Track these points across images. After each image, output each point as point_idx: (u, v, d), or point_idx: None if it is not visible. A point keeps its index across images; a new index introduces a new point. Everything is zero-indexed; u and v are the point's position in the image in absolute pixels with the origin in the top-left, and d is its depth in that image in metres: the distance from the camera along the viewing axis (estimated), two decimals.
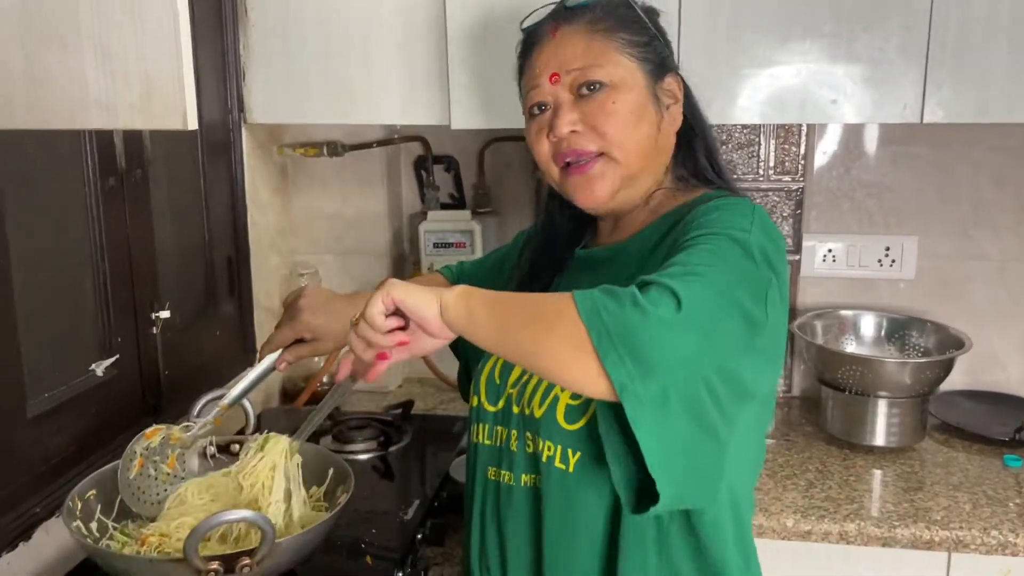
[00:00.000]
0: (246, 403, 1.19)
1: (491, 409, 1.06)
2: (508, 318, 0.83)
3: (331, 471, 1.13)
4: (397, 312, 0.87)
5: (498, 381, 1.06)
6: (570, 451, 0.96)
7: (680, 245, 0.89)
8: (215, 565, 0.89)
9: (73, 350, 1.28)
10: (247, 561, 0.90)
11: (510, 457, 1.03)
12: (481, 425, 1.07)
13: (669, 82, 1.03)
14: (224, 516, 0.89)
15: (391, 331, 0.88)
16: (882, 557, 1.42)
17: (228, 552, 0.91)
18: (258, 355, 1.17)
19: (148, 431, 1.12)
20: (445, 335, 0.87)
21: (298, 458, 1.06)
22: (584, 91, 1.00)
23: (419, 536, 1.25)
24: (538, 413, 0.99)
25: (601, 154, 1.00)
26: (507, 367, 1.05)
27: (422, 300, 0.85)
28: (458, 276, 1.33)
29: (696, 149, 1.06)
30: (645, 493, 0.84)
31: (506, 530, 1.04)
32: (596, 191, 1.01)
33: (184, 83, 0.87)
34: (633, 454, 0.82)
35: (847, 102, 1.48)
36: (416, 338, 0.89)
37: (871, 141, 1.85)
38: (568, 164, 1.02)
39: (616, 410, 0.80)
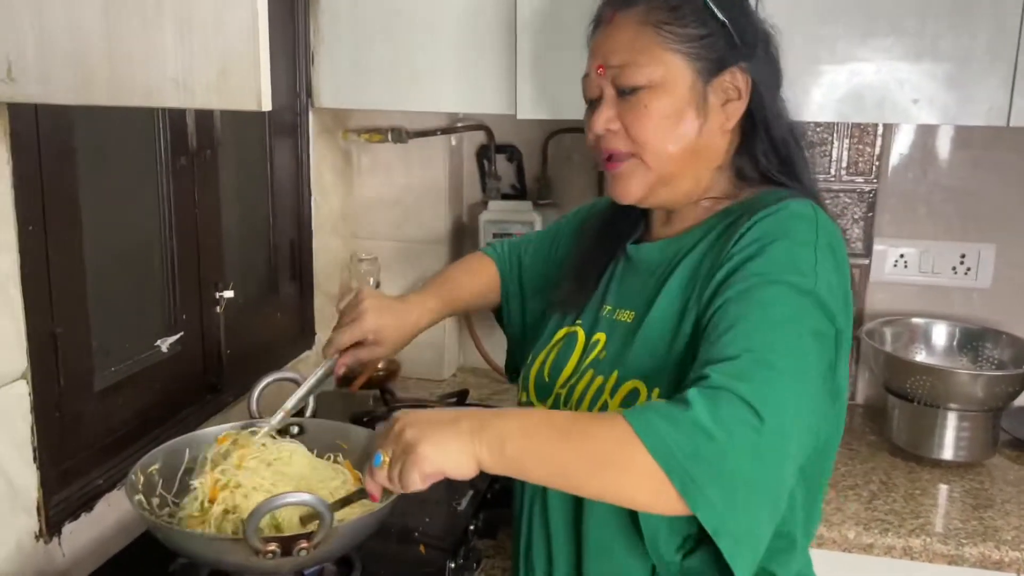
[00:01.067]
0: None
1: (540, 407, 1.04)
2: (563, 463, 0.78)
3: None
4: None
5: (547, 379, 1.04)
6: None
7: (730, 285, 0.85)
8: (273, 546, 0.89)
9: (140, 326, 1.30)
10: (304, 544, 0.90)
11: None
12: None
13: (728, 78, 0.96)
14: (284, 499, 0.89)
15: None
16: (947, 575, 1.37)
17: (286, 534, 0.91)
18: (323, 354, 1.17)
19: (220, 436, 1.13)
20: None
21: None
22: (625, 91, 0.95)
23: (471, 527, 1.24)
24: None
25: (634, 155, 0.96)
26: (557, 366, 1.03)
27: (459, 468, 0.80)
28: (505, 260, 1.29)
29: (755, 147, 0.99)
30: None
31: (552, 528, 1.02)
32: (623, 190, 0.98)
33: (261, 63, 0.87)
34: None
35: (929, 102, 1.43)
36: None
37: (950, 143, 1.78)
38: (609, 157, 0.99)
39: None
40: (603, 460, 0.76)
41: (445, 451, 0.80)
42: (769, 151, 0.99)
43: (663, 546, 0.89)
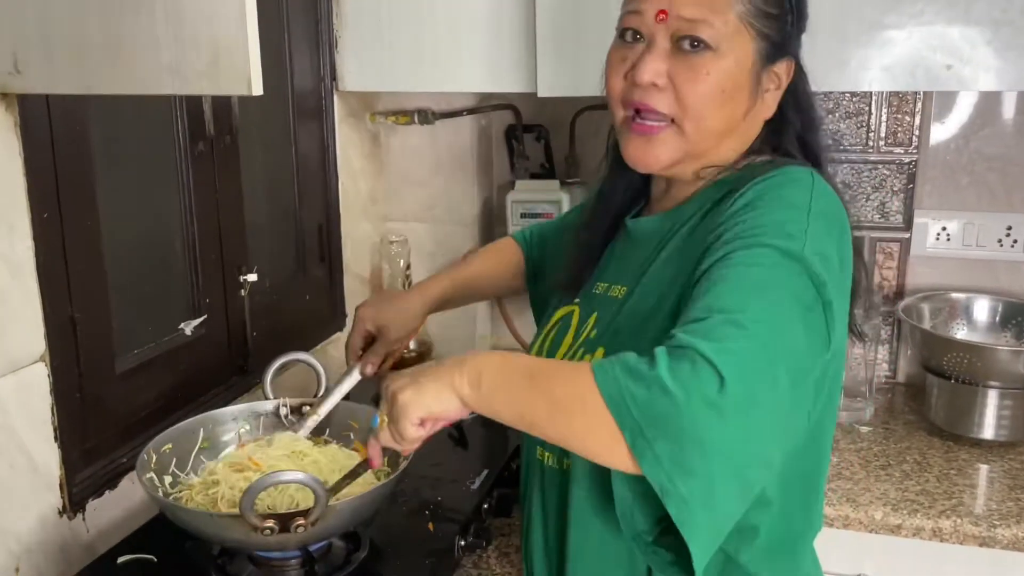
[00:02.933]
0: (318, 365, 1.22)
1: None
2: (525, 402, 0.77)
3: None
4: None
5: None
6: None
7: (714, 250, 0.80)
8: (270, 523, 0.91)
9: (162, 309, 1.33)
10: (301, 521, 0.92)
11: None
12: None
13: (780, 66, 0.92)
14: (277, 477, 0.91)
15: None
16: (978, 557, 1.32)
17: (284, 512, 0.93)
18: (347, 362, 1.23)
19: (241, 443, 1.19)
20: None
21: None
22: (685, 46, 0.87)
23: (485, 505, 1.25)
24: None
25: (672, 121, 0.89)
26: (555, 345, 1.02)
27: (444, 405, 0.81)
28: (531, 243, 1.30)
29: (785, 136, 0.95)
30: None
31: (547, 507, 1.02)
32: (652, 156, 0.91)
33: (250, 49, 0.88)
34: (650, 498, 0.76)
35: (964, 67, 1.36)
36: None
37: (995, 110, 1.70)
38: (637, 112, 0.90)
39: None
40: (561, 404, 0.75)
41: (424, 392, 0.81)
42: (793, 142, 0.95)
43: (637, 520, 0.84)
